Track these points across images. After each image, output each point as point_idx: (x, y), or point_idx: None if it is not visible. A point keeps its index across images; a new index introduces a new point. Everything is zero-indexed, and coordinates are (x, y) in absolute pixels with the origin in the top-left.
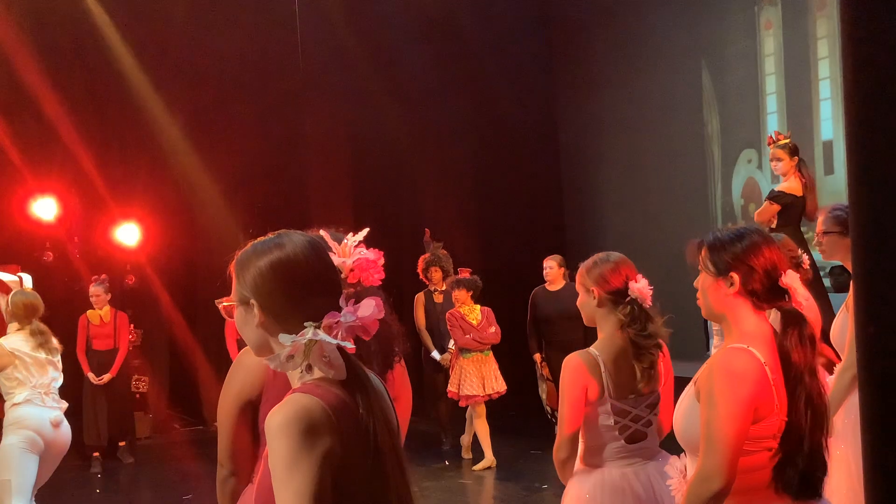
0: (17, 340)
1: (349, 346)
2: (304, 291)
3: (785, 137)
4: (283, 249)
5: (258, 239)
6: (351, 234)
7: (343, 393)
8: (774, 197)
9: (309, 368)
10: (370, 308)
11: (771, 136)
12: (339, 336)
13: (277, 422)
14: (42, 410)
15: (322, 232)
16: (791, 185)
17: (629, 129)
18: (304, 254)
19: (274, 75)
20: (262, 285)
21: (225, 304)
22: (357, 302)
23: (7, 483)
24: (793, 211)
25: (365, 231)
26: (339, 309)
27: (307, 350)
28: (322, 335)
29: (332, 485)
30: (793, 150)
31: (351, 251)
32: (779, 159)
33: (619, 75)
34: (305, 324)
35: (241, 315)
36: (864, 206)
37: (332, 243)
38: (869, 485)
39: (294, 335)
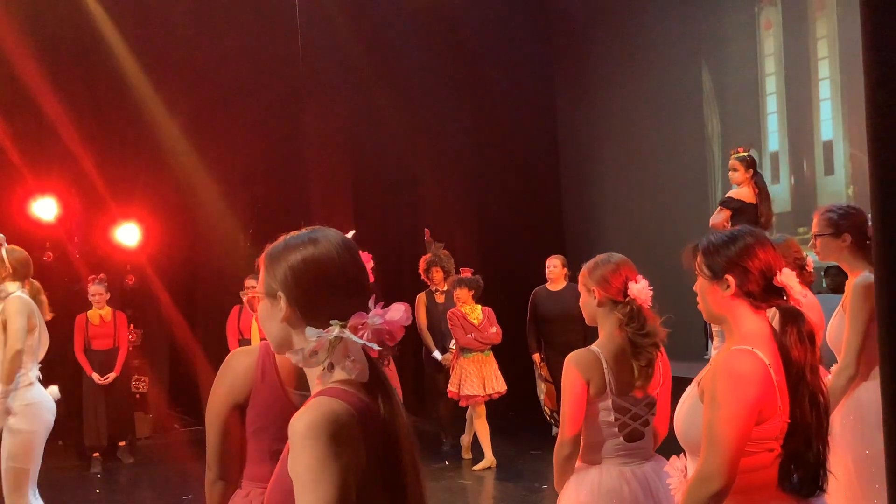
0: (30, 301)
1: (375, 347)
2: (334, 290)
3: (744, 151)
4: (316, 246)
5: (291, 233)
6: None
7: (367, 397)
8: (724, 202)
9: (331, 367)
10: (399, 312)
11: (733, 149)
12: (365, 338)
13: (304, 425)
14: (44, 390)
15: None
16: (742, 191)
17: (629, 128)
18: (337, 252)
19: (274, 75)
20: (292, 280)
21: (251, 295)
22: None
23: (26, 472)
24: (744, 216)
25: (351, 233)
26: (368, 310)
27: (332, 347)
28: (348, 334)
29: (357, 493)
30: (749, 163)
31: None
32: (734, 170)
33: (619, 75)
34: (331, 322)
35: (265, 307)
36: (887, 213)
37: None
38: (890, 463)
39: (320, 331)
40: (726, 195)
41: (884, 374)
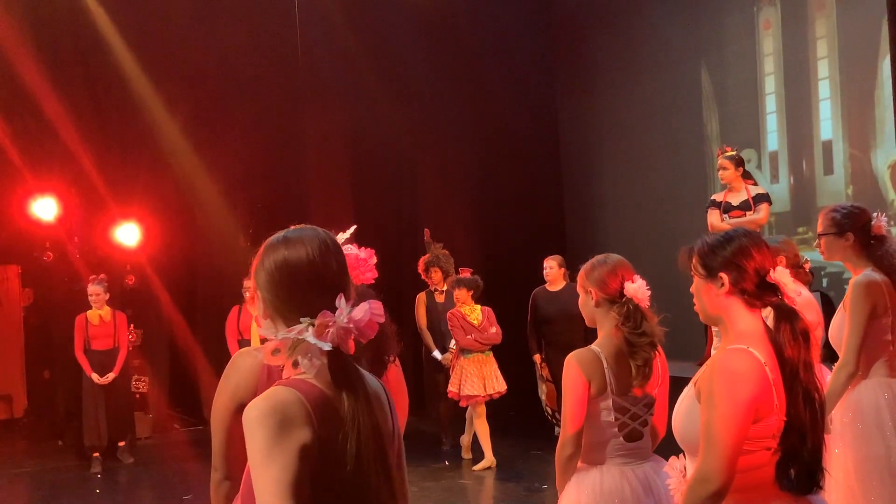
0: None
1: (326, 346)
2: (304, 289)
3: (731, 150)
4: (287, 247)
5: (277, 233)
6: (341, 233)
7: (330, 392)
8: (769, 199)
9: (296, 364)
10: (362, 311)
11: (720, 149)
12: (330, 336)
13: (254, 414)
14: None
15: None
16: (738, 190)
17: (629, 129)
18: (307, 252)
19: (274, 75)
20: (267, 282)
21: (251, 293)
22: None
23: None
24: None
25: (352, 228)
26: (335, 309)
27: (293, 346)
28: (308, 336)
29: (308, 481)
30: (738, 162)
31: None
32: (724, 168)
33: (619, 75)
34: (301, 319)
35: (257, 302)
36: None
37: None
38: None
39: (284, 330)
40: (713, 197)
41: None
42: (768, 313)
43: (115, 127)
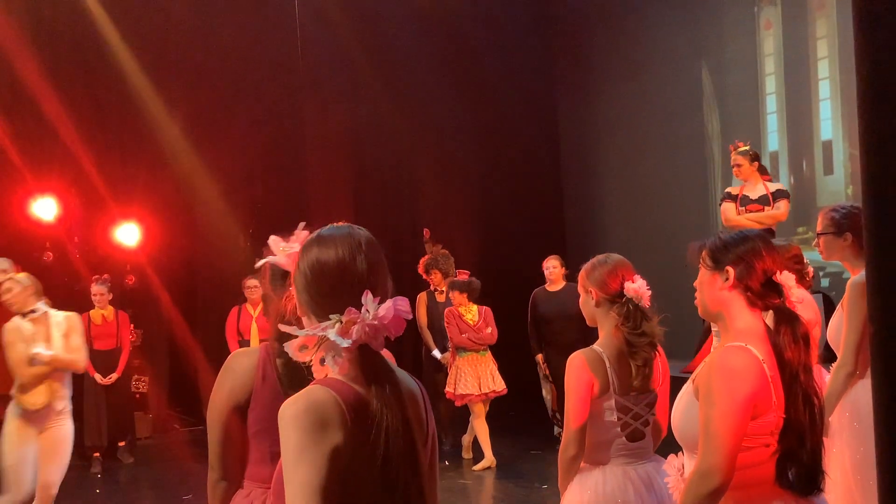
0: None
1: (345, 343)
2: (334, 290)
3: (744, 145)
4: (320, 247)
5: (314, 232)
6: None
7: (363, 391)
8: (788, 195)
9: (322, 361)
10: (385, 309)
11: (732, 145)
12: (355, 333)
13: (290, 413)
14: None
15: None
16: (755, 184)
17: (629, 128)
18: (338, 254)
19: (274, 75)
20: (302, 283)
21: (291, 292)
22: None
23: None
24: None
25: None
26: (361, 307)
27: (319, 343)
28: (330, 332)
29: (338, 482)
30: (753, 157)
31: None
32: (739, 165)
33: (619, 75)
34: (330, 316)
35: (297, 303)
36: (876, 211)
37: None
38: (882, 469)
39: (308, 329)
40: (727, 189)
41: (875, 371)
42: (768, 315)
43: (115, 127)
